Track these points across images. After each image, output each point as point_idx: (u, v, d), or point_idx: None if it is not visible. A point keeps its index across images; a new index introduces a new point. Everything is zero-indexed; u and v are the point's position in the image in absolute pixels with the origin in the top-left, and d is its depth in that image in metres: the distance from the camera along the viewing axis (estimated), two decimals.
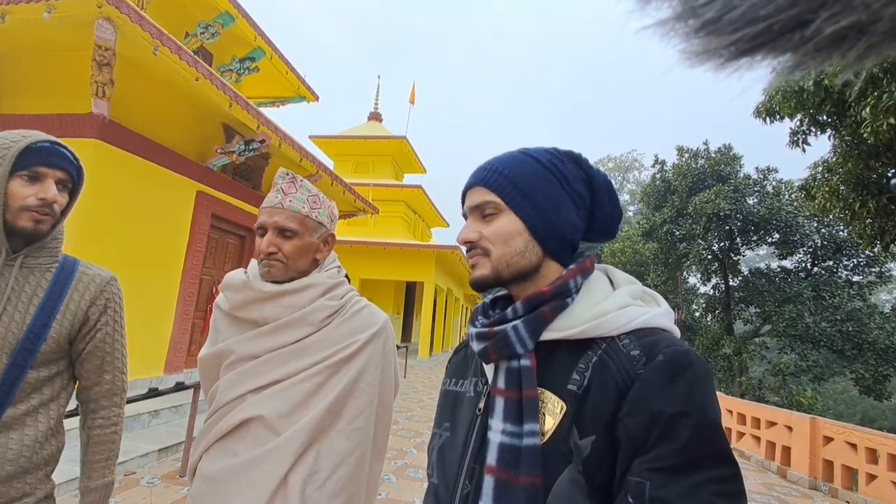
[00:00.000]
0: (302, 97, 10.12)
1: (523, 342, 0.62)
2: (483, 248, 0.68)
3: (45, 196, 0.97)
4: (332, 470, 0.99)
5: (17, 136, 0.97)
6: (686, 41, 0.25)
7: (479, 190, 0.69)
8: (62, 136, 4.46)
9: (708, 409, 0.52)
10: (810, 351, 13.75)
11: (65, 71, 4.73)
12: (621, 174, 51.37)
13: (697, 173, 16.09)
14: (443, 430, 0.74)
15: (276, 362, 1.04)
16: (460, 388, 0.75)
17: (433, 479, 0.72)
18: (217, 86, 4.98)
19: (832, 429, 5.36)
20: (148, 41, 4.07)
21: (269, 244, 1.06)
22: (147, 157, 5.24)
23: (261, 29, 7.95)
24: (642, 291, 0.67)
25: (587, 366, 0.59)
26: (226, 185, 6.75)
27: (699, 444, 0.50)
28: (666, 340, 0.57)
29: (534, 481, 0.56)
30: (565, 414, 0.58)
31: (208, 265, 6.74)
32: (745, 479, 0.51)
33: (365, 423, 1.05)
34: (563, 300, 0.63)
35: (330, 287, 1.11)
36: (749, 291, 15.78)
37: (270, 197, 1.11)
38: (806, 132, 5.87)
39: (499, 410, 0.62)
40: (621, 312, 0.61)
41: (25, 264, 1.01)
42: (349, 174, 17.01)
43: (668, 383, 0.53)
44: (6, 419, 0.93)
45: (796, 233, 14.40)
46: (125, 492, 3.33)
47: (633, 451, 0.52)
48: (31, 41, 4.55)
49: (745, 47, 0.24)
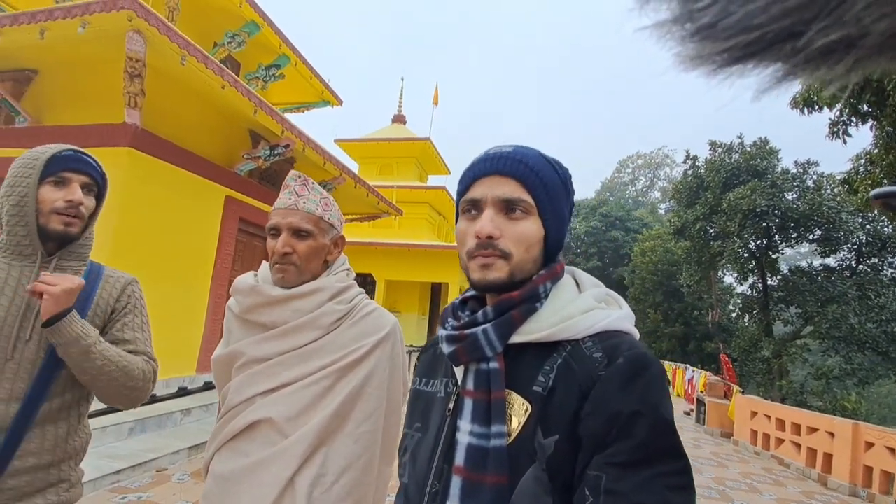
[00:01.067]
0: (326, 101, 10.30)
1: (492, 345, 0.63)
2: (502, 250, 0.63)
3: (71, 198, 1.05)
4: (339, 473, 1.00)
5: (44, 148, 1.07)
6: (681, 45, 0.25)
7: (509, 182, 0.64)
8: (99, 145, 4.69)
9: (661, 409, 0.55)
10: (855, 353, 13.03)
11: (99, 83, 4.97)
12: (651, 171, 50.07)
13: (732, 168, 15.50)
14: (414, 431, 0.74)
15: (285, 365, 1.05)
16: (430, 388, 0.76)
17: (403, 478, 0.73)
18: (242, 93, 5.13)
19: (873, 434, 5.11)
20: (176, 51, 4.23)
21: (285, 245, 1.07)
22: (177, 163, 5.44)
23: (285, 36, 8.14)
24: (606, 294, 0.69)
25: (552, 367, 0.61)
26: (252, 189, 6.93)
27: (653, 440, 0.53)
28: (626, 343, 0.60)
29: (500, 481, 0.58)
30: (530, 415, 0.59)
31: (237, 268, 6.93)
32: (784, 488, 0.49)
33: (373, 427, 1.06)
34: (532, 304, 0.64)
35: (338, 291, 1.12)
36: (789, 291, 15.07)
37: (283, 199, 1.12)
38: (846, 122, 5.56)
39: (467, 412, 0.63)
40: (586, 316, 0.63)
41: (59, 266, 1.08)
42: (374, 177, 17.21)
43: (627, 384, 0.56)
44: (42, 414, 1.01)
45: (839, 229, 13.65)
46: (157, 487, 3.45)
47: (593, 448, 0.55)
48: (68, 56, 4.80)
49: (737, 55, 0.24)
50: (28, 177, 1.03)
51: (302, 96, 10.00)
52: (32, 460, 1.00)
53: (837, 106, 5.36)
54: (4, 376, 0.98)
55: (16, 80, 5.14)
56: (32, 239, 1.04)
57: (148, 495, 3.29)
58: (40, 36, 4.03)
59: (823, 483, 5.69)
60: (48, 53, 4.73)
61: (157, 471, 3.78)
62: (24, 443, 0.98)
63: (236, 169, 6.50)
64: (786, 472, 6.24)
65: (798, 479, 5.97)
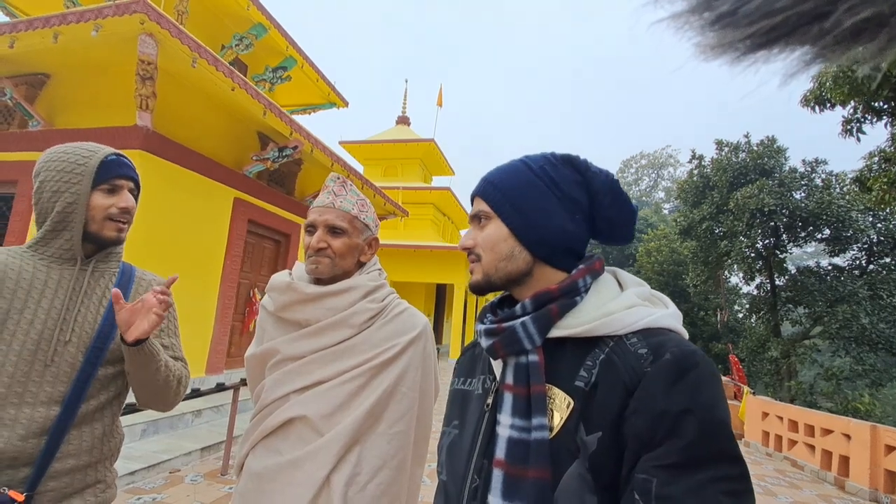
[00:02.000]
0: (332, 103, 10.33)
1: (531, 338, 0.64)
2: (476, 255, 0.72)
3: (125, 205, 1.07)
4: (373, 473, 1.00)
5: (86, 152, 1.06)
6: (701, 34, 0.25)
7: (476, 200, 0.73)
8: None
9: (714, 408, 0.52)
10: (867, 354, 12.88)
11: (110, 86, 4.99)
12: (655, 171, 49.85)
13: (739, 167, 15.39)
14: (451, 428, 0.75)
15: (318, 363, 1.06)
16: (468, 386, 0.77)
17: (442, 475, 0.73)
18: (252, 95, 5.13)
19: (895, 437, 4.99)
20: (187, 54, 4.23)
21: (319, 240, 1.10)
22: (187, 165, 5.45)
23: (292, 39, 8.16)
24: (650, 293, 0.68)
25: (594, 363, 0.60)
26: (261, 191, 6.94)
27: (705, 442, 0.50)
28: (673, 341, 0.58)
29: (542, 475, 0.57)
30: (572, 410, 0.59)
31: (246, 269, 6.94)
32: (800, 491, 0.45)
33: (406, 428, 1.06)
34: (571, 298, 0.64)
35: (371, 290, 1.12)
36: (797, 291, 14.93)
37: (321, 198, 1.15)
38: (860, 120, 5.49)
39: (507, 405, 0.63)
40: (629, 312, 0.61)
41: (96, 269, 1.09)
42: (378, 178, 17.23)
43: (675, 382, 0.53)
44: (81, 415, 1.01)
45: (849, 228, 13.51)
46: (171, 488, 3.45)
47: (639, 448, 0.53)
48: (80, 59, 4.82)
49: (761, 40, 0.24)
50: (78, 183, 1.02)
51: (308, 98, 10.03)
52: (72, 462, 1.00)
53: (851, 103, 5.31)
54: (45, 380, 0.98)
55: (29, 84, 5.17)
56: (75, 244, 1.04)
57: (163, 496, 3.28)
58: (54, 40, 4.05)
59: (841, 486, 5.62)
60: (61, 57, 4.76)
61: (171, 472, 3.78)
62: (63, 445, 0.99)
63: (245, 171, 6.51)
64: (800, 475, 6.17)
65: (813, 481, 5.90)
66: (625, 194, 0.70)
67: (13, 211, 5.06)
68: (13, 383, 0.96)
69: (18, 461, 0.94)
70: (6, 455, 0.93)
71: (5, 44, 4.38)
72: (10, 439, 0.93)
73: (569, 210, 0.68)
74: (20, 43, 4.31)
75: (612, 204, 0.69)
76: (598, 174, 0.69)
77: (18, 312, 0.99)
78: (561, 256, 0.69)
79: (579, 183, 0.69)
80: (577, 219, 0.69)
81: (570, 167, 0.70)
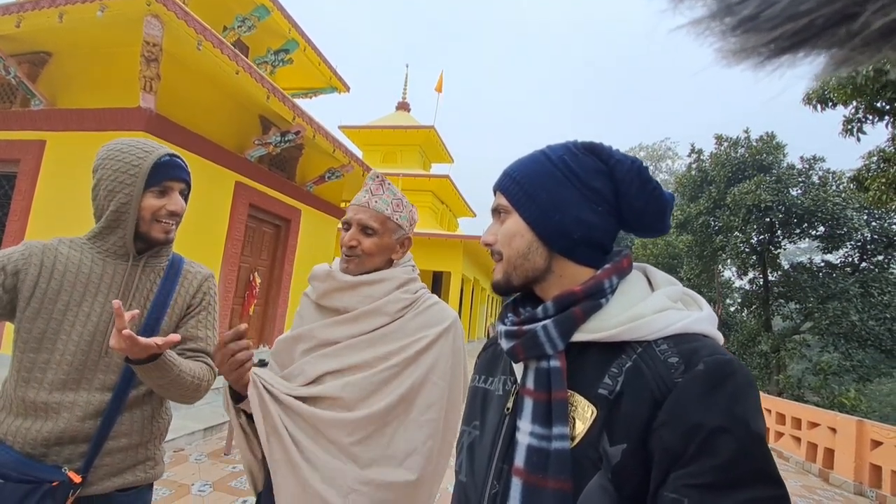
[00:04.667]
0: (333, 88, 10.22)
1: (553, 343, 0.60)
2: (497, 252, 0.69)
3: (174, 208, 1.12)
4: (404, 458, 1.02)
5: (142, 153, 1.08)
6: (722, 40, 0.24)
7: (498, 195, 0.71)
8: (114, 129, 4.68)
9: (752, 424, 0.48)
10: (855, 350, 13.12)
11: (115, 67, 4.93)
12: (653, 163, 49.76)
13: (737, 163, 15.44)
14: (471, 428, 0.73)
15: (354, 349, 1.09)
16: (489, 385, 0.74)
17: (461, 476, 0.72)
18: (256, 78, 5.10)
19: (881, 432, 5.13)
20: (192, 36, 4.19)
21: (352, 238, 1.14)
22: (190, 149, 5.42)
23: (295, 21, 8.05)
24: (683, 293, 0.63)
25: (620, 370, 0.56)
26: (262, 175, 6.92)
27: (742, 461, 0.47)
28: (707, 348, 0.54)
29: (563, 486, 0.54)
30: (595, 419, 0.56)
31: (246, 253, 6.96)
32: (785, 482, 0.48)
33: (437, 416, 1.08)
34: (596, 300, 0.61)
35: (404, 281, 1.17)
36: (789, 286, 15.13)
37: (359, 196, 1.18)
38: (862, 120, 5.54)
39: (527, 411, 0.60)
40: (659, 316, 0.57)
41: (147, 264, 1.13)
42: (377, 164, 17.13)
43: (709, 394, 0.50)
44: (131, 400, 1.09)
45: (843, 226, 13.65)
46: (176, 467, 3.52)
47: (668, 464, 0.50)
48: (85, 39, 4.76)
49: (785, 44, 0.23)
50: (131, 185, 1.06)
51: (310, 82, 9.91)
52: (124, 440, 1.09)
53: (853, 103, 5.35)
54: (99, 368, 1.06)
55: (31, 63, 5.10)
56: (128, 242, 1.09)
57: (168, 474, 3.36)
58: (59, 20, 4.00)
59: (825, 478, 5.79)
60: (64, 36, 4.69)
61: (175, 451, 3.85)
62: (116, 425, 1.07)
63: (247, 155, 6.48)
64: (785, 465, 6.35)
65: (798, 472, 6.07)
66: (655, 182, 0.65)
67: (16, 190, 5.04)
68: (72, 371, 1.03)
69: (77, 439, 1.03)
70: (67, 434, 1.02)
71: (12, 23, 4.32)
72: (69, 420, 1.02)
73: (589, 200, 0.64)
74: (26, 22, 4.25)
75: (640, 193, 0.64)
76: (623, 162, 0.65)
77: (77, 305, 1.04)
78: (583, 250, 0.65)
79: (602, 172, 0.65)
80: (599, 210, 0.65)
81: (592, 155, 0.66)
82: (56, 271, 1.05)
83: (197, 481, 3.31)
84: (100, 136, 4.78)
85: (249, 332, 7.92)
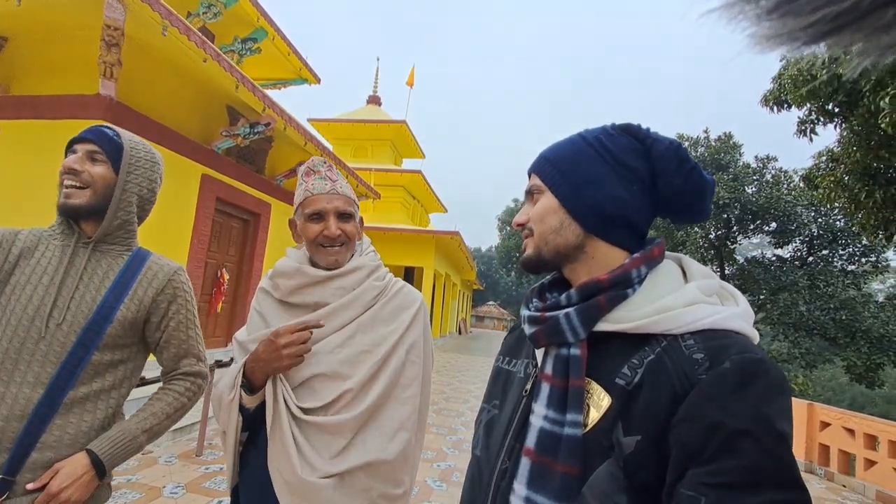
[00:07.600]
0: (303, 79, 9.99)
1: (575, 331, 0.60)
2: (529, 230, 0.70)
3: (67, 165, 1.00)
4: (393, 433, 1.05)
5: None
6: (756, 24, 0.23)
7: (532, 177, 0.72)
8: (70, 117, 4.43)
9: (777, 425, 0.47)
10: (804, 338, 13.98)
11: (74, 52, 4.65)
12: None
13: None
14: (491, 406, 0.75)
15: (341, 347, 1.08)
16: (512, 367, 0.75)
17: (477, 451, 0.73)
18: (224, 67, 4.92)
19: (830, 414, 5.48)
20: (157, 21, 4.00)
21: (337, 228, 1.11)
22: (153, 138, 5.18)
23: (263, 9, 7.80)
24: (719, 287, 0.61)
25: (641, 362, 0.56)
26: (230, 168, 6.70)
27: (764, 463, 0.45)
28: (738, 346, 0.52)
29: (570, 470, 0.55)
30: (610, 408, 0.56)
31: (213, 249, 6.73)
32: None
33: (416, 392, 1.12)
34: (622, 290, 0.60)
35: (374, 268, 1.18)
36: (744, 279, 15.96)
37: (318, 184, 1.13)
38: (814, 122, 5.90)
39: (543, 396, 0.61)
40: (688, 310, 0.56)
41: (98, 248, 1.05)
42: (348, 158, 16.88)
43: (734, 393, 0.48)
44: (67, 401, 0.94)
45: (794, 222, 14.53)
46: (145, 469, 3.38)
47: (686, 460, 0.48)
48: (41, 22, 4.46)
49: (826, 28, 0.21)
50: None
51: (278, 73, 9.65)
52: (50, 454, 0.92)
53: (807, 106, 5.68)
54: (34, 359, 0.93)
55: None
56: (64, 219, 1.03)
57: (137, 477, 3.22)
58: (17, 2, 3.73)
59: None
60: (21, 19, 4.38)
61: (143, 453, 3.69)
62: (44, 434, 0.91)
63: (214, 146, 6.26)
64: None
65: None
66: (693, 162, 0.63)
67: None
68: (6, 359, 0.91)
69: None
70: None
71: None
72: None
73: (623, 178, 0.64)
74: None
75: (678, 172, 0.63)
76: (660, 140, 0.64)
77: (21, 287, 0.96)
78: (617, 230, 0.64)
79: (637, 151, 0.64)
80: (633, 189, 0.64)
81: (628, 135, 0.66)
82: (11, 254, 0.99)
83: (168, 483, 3.20)
84: (56, 123, 4.50)
85: (216, 331, 7.62)
